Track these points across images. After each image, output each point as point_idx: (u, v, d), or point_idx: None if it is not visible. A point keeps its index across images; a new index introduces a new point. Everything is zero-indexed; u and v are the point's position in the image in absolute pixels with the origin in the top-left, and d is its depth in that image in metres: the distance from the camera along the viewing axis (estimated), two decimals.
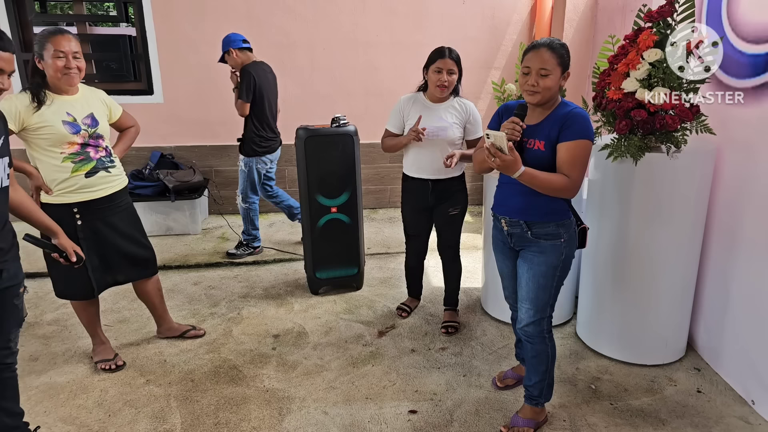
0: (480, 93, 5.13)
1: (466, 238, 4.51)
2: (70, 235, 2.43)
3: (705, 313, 2.72)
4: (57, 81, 2.32)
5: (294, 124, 3.52)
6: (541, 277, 2.07)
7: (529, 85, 1.94)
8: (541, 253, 2.06)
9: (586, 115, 1.97)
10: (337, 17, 4.79)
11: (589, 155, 1.97)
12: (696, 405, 2.40)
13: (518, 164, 1.87)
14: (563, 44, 1.97)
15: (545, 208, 2.03)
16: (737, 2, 2.43)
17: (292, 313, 3.26)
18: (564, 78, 1.97)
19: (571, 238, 2.08)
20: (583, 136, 1.91)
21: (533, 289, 2.09)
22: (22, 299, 1.94)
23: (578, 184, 1.94)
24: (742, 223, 2.43)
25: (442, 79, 2.68)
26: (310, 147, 3.20)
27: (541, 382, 2.19)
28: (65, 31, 2.33)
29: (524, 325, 2.15)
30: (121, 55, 4.81)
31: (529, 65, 1.94)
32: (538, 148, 1.98)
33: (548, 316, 2.14)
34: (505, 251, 2.24)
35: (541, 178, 1.91)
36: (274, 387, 2.54)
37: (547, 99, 1.97)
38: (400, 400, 2.44)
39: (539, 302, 2.10)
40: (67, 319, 3.16)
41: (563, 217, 2.05)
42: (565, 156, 1.92)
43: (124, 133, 2.73)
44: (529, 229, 2.07)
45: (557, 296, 2.14)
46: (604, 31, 3.86)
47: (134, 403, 2.43)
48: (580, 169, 1.93)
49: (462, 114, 2.80)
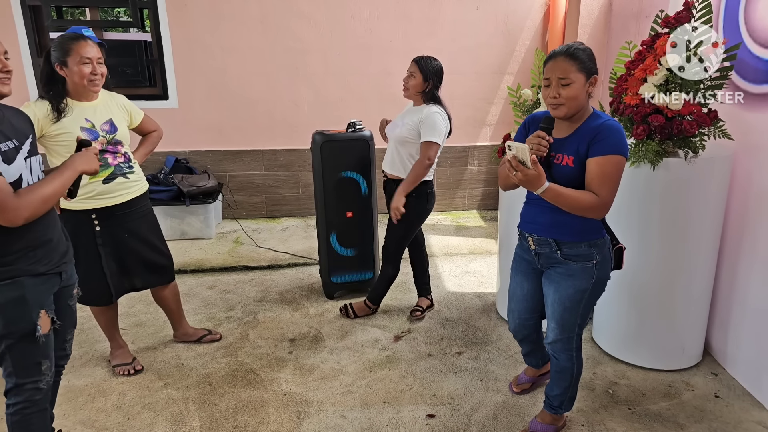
0: (493, 98, 5.14)
1: (480, 243, 4.52)
2: (88, 242, 2.45)
3: (722, 317, 2.71)
4: (81, 88, 2.31)
5: (308, 129, 3.55)
6: (568, 300, 1.97)
7: (551, 97, 1.81)
8: (570, 276, 1.95)
9: (620, 128, 1.82)
10: (350, 23, 4.82)
11: (621, 172, 1.80)
12: (714, 410, 2.39)
13: (542, 179, 1.75)
14: (584, 48, 1.83)
15: (577, 227, 1.89)
16: (754, 7, 2.43)
17: (308, 317, 3.27)
18: (591, 84, 1.82)
19: (605, 259, 1.95)
20: (614, 151, 1.77)
21: (558, 311, 2.00)
22: (75, 301, 1.97)
23: (608, 204, 1.80)
24: (758, 227, 2.43)
25: (404, 80, 2.91)
26: (326, 152, 3.22)
27: (563, 395, 2.17)
28: (87, 37, 2.32)
29: (551, 342, 2.09)
30: (136, 60, 4.86)
31: (549, 76, 1.82)
32: (566, 164, 1.85)
33: (577, 335, 2.05)
34: (528, 272, 2.13)
35: (566, 195, 1.78)
36: (291, 391, 2.55)
37: (573, 110, 1.82)
38: (417, 405, 2.44)
39: (565, 323, 2.01)
40: (85, 323, 3.18)
41: (596, 237, 1.92)
42: (594, 172, 1.79)
43: (146, 138, 2.72)
44: (558, 249, 1.94)
45: (587, 316, 2.04)
46: (618, 37, 3.86)
47: (153, 406, 2.45)
48: (611, 187, 1.79)
49: (419, 117, 2.84)
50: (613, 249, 2.00)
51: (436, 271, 3.95)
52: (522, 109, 2.92)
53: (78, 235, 2.43)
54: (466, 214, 5.34)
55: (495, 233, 4.69)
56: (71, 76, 2.29)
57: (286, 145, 5.04)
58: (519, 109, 2.94)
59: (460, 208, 5.46)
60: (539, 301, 2.17)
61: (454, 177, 5.36)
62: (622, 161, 1.79)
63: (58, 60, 2.28)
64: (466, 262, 4.12)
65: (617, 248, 2.02)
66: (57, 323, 1.80)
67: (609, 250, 1.98)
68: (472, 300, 3.48)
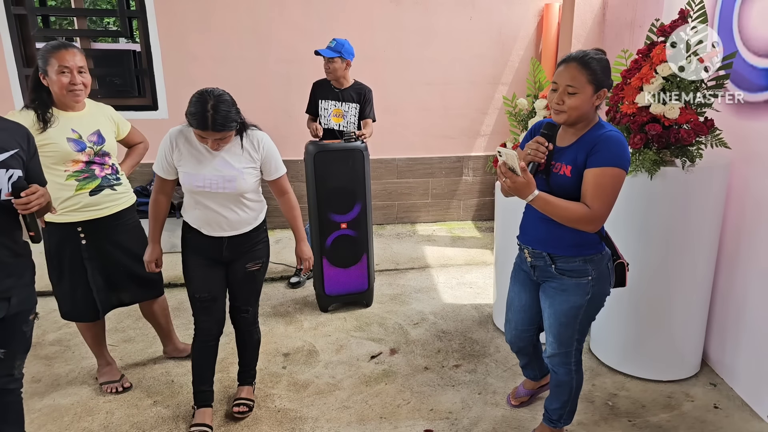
0: (487, 109, 5.14)
1: (476, 254, 4.48)
2: (74, 256, 2.38)
3: (720, 327, 2.69)
4: (62, 97, 2.26)
5: (302, 139, 3.51)
6: (563, 315, 1.93)
7: (555, 103, 1.77)
8: (564, 292, 1.90)
9: (622, 139, 1.75)
10: (344, 33, 4.78)
11: (620, 186, 1.73)
12: (714, 420, 2.37)
13: (531, 187, 1.70)
14: (601, 58, 1.75)
15: (571, 240, 1.83)
16: (748, 17, 2.44)
17: (302, 331, 3.21)
18: (599, 97, 1.76)
19: (602, 275, 1.88)
20: (612, 164, 1.70)
21: (555, 325, 1.96)
22: (32, 326, 1.88)
23: (600, 217, 1.73)
24: (756, 236, 2.42)
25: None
26: (320, 162, 3.18)
27: (562, 409, 2.13)
28: (70, 45, 2.26)
29: (549, 356, 2.06)
30: (125, 70, 4.80)
31: (557, 81, 1.77)
32: (563, 173, 1.79)
33: (576, 349, 2.01)
34: (526, 282, 2.09)
35: (556, 204, 1.73)
36: (285, 407, 2.49)
37: (575, 119, 1.78)
38: (415, 419, 2.39)
39: (562, 337, 1.97)
40: (71, 339, 3.10)
41: (592, 252, 1.85)
42: (589, 183, 1.72)
43: (132, 150, 2.68)
44: (553, 263, 1.89)
45: (586, 331, 1.99)
46: (612, 47, 3.87)
47: (141, 425, 2.37)
48: (605, 201, 1.72)
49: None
50: (614, 264, 1.94)
51: (431, 282, 3.91)
52: (517, 119, 2.90)
53: (63, 249, 2.38)
54: (461, 225, 5.32)
55: (490, 243, 4.66)
56: (52, 85, 2.24)
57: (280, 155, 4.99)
58: (514, 119, 2.92)
59: (455, 219, 5.43)
60: (537, 313, 2.13)
61: (449, 187, 5.34)
62: (619, 174, 1.72)
63: (41, 69, 2.24)
64: (461, 273, 4.08)
65: (618, 263, 1.94)
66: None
67: (608, 266, 1.91)
68: (469, 311, 3.44)
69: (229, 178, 2.16)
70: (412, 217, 5.37)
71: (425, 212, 5.38)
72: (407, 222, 5.36)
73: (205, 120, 1.96)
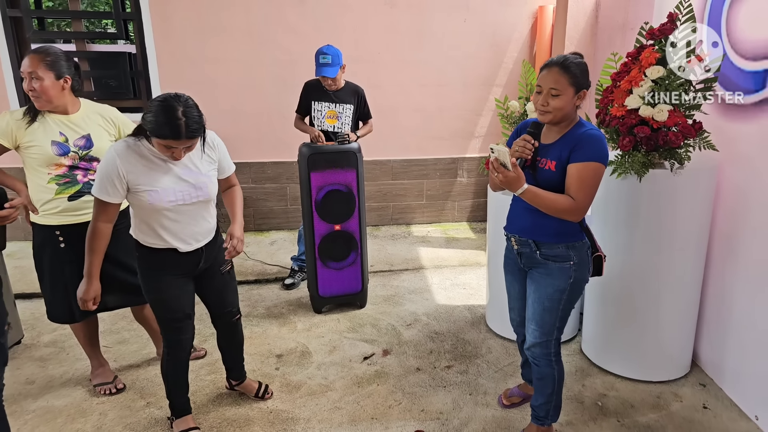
0: (482, 110, 5.16)
1: (470, 255, 4.50)
2: (53, 258, 2.37)
3: (709, 328, 2.71)
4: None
5: (296, 141, 3.52)
6: (547, 299, 2.03)
7: (540, 104, 1.91)
8: (548, 275, 2.02)
9: (601, 136, 1.90)
10: (338, 35, 4.82)
11: (600, 179, 1.89)
12: (702, 420, 2.39)
13: (521, 181, 1.84)
14: (579, 62, 1.91)
15: (555, 229, 1.97)
16: (736, 20, 2.46)
17: (295, 332, 3.22)
18: (579, 98, 1.91)
19: (582, 261, 2.02)
20: (593, 159, 1.85)
21: (539, 311, 2.06)
22: (6, 338, 1.83)
23: (583, 208, 1.88)
24: (744, 238, 2.44)
25: None
26: (313, 164, 3.20)
27: (547, 404, 2.17)
28: (32, 51, 2.23)
29: (530, 346, 2.13)
30: (120, 72, 4.81)
31: (541, 84, 1.90)
32: (549, 168, 1.94)
33: (555, 339, 2.10)
34: (515, 272, 2.21)
35: (543, 197, 1.87)
36: (278, 408, 2.50)
37: (558, 119, 1.92)
38: (406, 420, 2.40)
39: (545, 324, 2.06)
40: (65, 341, 3.11)
41: (573, 239, 1.99)
42: (573, 177, 1.87)
43: None
44: (538, 249, 2.03)
45: (566, 319, 2.09)
46: (604, 49, 3.89)
47: (134, 426, 2.38)
48: (587, 193, 1.88)
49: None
50: (592, 256, 2.07)
51: (425, 283, 3.93)
52: (509, 121, 2.92)
53: (44, 249, 2.39)
54: (456, 226, 5.34)
55: (485, 245, 4.67)
56: None
57: (274, 157, 5.00)
58: (506, 121, 2.94)
59: (450, 220, 5.45)
60: None
61: (444, 189, 5.36)
62: (599, 168, 1.87)
63: None
64: (455, 275, 4.10)
65: (596, 256, 2.08)
66: None
67: (587, 254, 2.05)
68: (462, 312, 3.46)
69: (200, 186, 2.05)
70: (407, 218, 5.39)
71: (420, 213, 5.40)
72: (402, 223, 5.39)
73: (178, 128, 1.83)
